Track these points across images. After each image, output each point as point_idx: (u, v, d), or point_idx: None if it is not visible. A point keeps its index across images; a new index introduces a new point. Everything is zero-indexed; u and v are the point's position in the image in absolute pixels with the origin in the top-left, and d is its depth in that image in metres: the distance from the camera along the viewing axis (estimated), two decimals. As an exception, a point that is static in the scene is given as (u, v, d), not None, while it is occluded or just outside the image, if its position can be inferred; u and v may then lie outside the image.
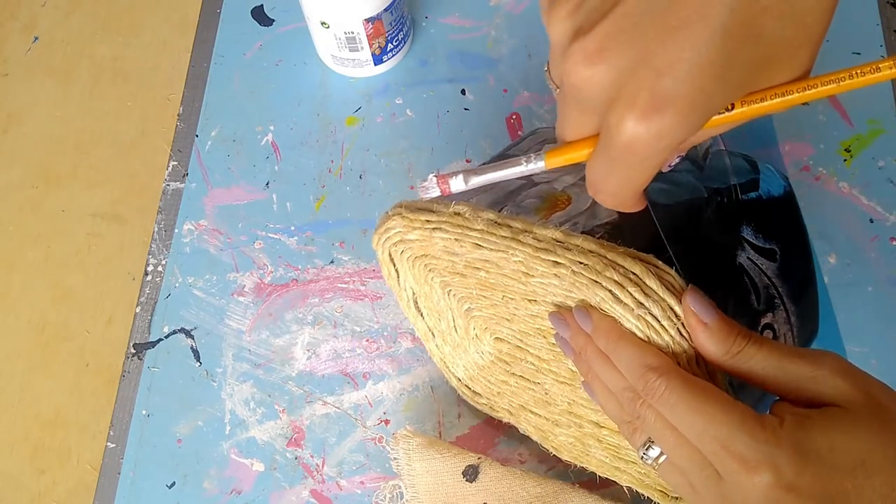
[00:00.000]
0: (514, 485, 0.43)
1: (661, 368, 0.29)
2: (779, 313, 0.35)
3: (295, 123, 0.56)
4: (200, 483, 0.47)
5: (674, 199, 0.34)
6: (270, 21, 0.60)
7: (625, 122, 0.25)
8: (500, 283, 0.35)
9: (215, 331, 0.50)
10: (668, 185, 0.34)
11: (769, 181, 0.36)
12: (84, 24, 1.51)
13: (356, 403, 0.48)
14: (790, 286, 0.36)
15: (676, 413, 0.28)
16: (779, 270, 0.35)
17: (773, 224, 0.36)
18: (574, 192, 0.36)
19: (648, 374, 0.29)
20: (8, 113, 1.44)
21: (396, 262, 0.40)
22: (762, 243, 0.35)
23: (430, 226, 0.35)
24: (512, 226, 0.33)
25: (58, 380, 1.24)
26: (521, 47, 0.58)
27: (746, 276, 0.34)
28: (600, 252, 0.31)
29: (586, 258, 0.31)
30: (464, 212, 0.34)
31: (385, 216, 0.38)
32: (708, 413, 0.27)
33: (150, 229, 0.54)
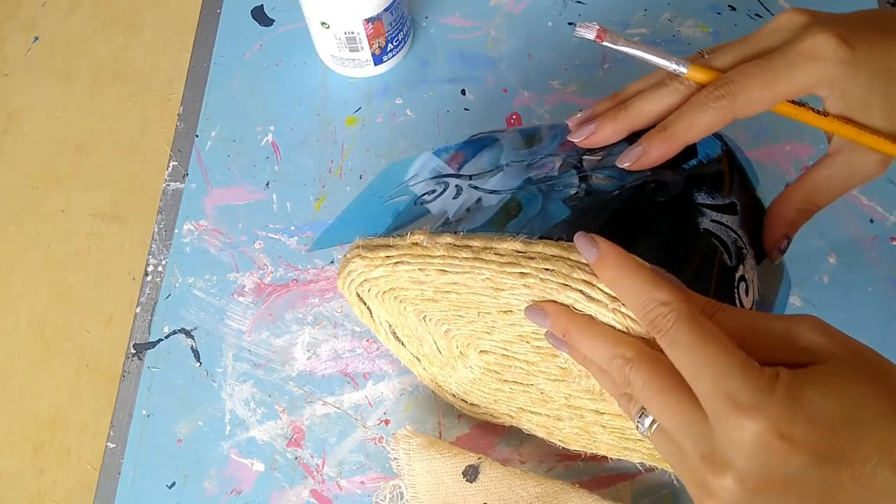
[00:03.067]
0: (515, 485, 0.43)
1: (674, 303, 0.29)
2: (747, 262, 0.35)
3: (295, 123, 0.56)
4: (200, 483, 0.47)
5: (618, 184, 0.34)
6: (270, 21, 0.60)
7: (819, 33, 0.33)
8: (472, 301, 0.36)
9: (215, 331, 0.50)
10: (610, 170, 0.35)
11: (704, 144, 0.36)
12: (84, 24, 1.51)
13: (356, 403, 0.48)
14: (751, 234, 0.36)
15: (678, 349, 0.28)
16: (740, 221, 0.35)
17: (724, 181, 0.36)
18: (522, 198, 0.36)
19: (660, 308, 0.29)
20: (8, 113, 1.44)
21: (366, 300, 0.41)
22: (721, 200, 0.35)
23: (392, 261, 0.36)
24: (472, 245, 0.34)
25: (58, 380, 1.24)
26: (521, 47, 0.58)
27: (714, 238, 0.34)
28: (563, 255, 0.31)
29: (551, 264, 0.31)
30: (421, 241, 0.35)
31: (345, 259, 0.38)
32: (709, 353, 0.27)
33: (150, 229, 0.54)
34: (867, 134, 0.34)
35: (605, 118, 0.36)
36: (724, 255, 0.33)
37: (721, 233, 0.34)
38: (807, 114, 0.34)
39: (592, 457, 0.45)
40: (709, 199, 0.34)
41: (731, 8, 0.58)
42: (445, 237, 0.34)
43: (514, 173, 0.37)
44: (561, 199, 0.34)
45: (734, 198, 0.35)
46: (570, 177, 0.35)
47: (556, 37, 0.58)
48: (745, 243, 0.35)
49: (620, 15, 0.58)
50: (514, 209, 0.35)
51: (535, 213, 0.34)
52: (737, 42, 0.35)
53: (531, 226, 0.33)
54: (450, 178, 0.40)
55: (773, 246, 0.37)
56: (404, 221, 0.39)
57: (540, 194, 0.35)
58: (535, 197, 0.35)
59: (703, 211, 0.34)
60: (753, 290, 0.35)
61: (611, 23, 0.58)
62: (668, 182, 0.34)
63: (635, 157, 0.34)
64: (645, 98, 0.35)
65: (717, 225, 0.34)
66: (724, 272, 0.33)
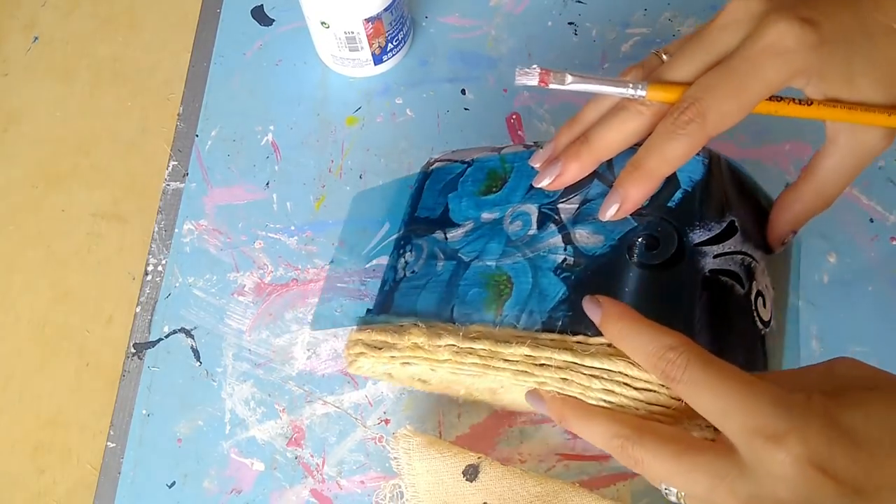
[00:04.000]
0: (515, 484, 0.43)
1: (681, 346, 0.28)
2: (758, 269, 0.33)
3: (295, 123, 0.56)
4: (200, 482, 0.47)
5: (606, 243, 0.32)
6: (270, 21, 0.60)
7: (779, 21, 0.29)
8: (487, 381, 0.36)
9: (215, 330, 0.50)
10: (591, 223, 0.33)
11: (686, 166, 0.33)
12: (84, 23, 1.51)
13: (356, 403, 0.48)
14: (756, 237, 0.34)
15: (697, 393, 0.27)
16: (743, 236, 0.33)
17: (716, 203, 0.33)
18: (509, 270, 0.34)
19: (668, 354, 0.28)
20: (8, 112, 1.45)
21: (381, 376, 0.40)
22: (718, 227, 0.32)
23: (397, 361, 0.36)
24: (477, 350, 0.33)
25: (58, 379, 1.24)
26: (521, 47, 0.58)
27: (721, 274, 0.32)
28: (577, 362, 0.31)
29: (566, 374, 0.31)
30: (422, 343, 0.34)
31: (349, 353, 0.38)
32: (730, 390, 0.26)
33: (150, 229, 0.54)
34: (860, 112, 0.31)
35: (567, 157, 0.33)
36: (735, 286, 0.32)
37: (727, 264, 0.32)
38: (789, 107, 0.32)
39: (592, 456, 0.45)
40: (705, 233, 0.32)
41: (731, 7, 0.58)
42: (446, 337, 0.34)
43: (490, 231, 0.36)
44: (551, 270, 0.33)
45: (732, 215, 0.33)
46: (551, 236, 0.34)
47: (557, 36, 0.58)
48: (752, 253, 0.33)
49: (620, 14, 0.58)
50: (505, 284, 0.34)
51: (528, 290, 0.33)
52: (692, 41, 0.32)
53: (530, 310, 0.33)
54: (422, 239, 0.39)
55: (778, 242, 0.35)
56: (390, 298, 0.38)
57: (527, 263, 0.34)
58: (524, 268, 0.34)
59: (702, 252, 0.32)
60: (768, 292, 0.34)
61: (611, 23, 0.58)
62: (658, 237, 0.32)
63: (615, 208, 0.32)
64: (606, 127, 0.33)
65: (721, 259, 0.32)
66: (739, 305, 0.32)
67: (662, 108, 0.31)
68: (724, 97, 0.30)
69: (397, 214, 0.45)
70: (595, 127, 0.33)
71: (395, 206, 0.49)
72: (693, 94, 0.30)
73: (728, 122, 0.30)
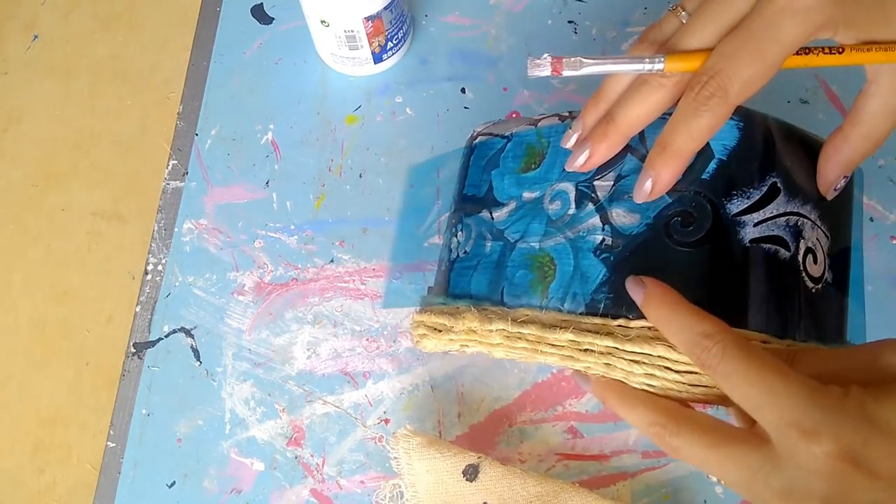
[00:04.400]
0: (515, 484, 0.43)
1: (718, 335, 0.28)
2: (807, 226, 0.33)
3: (295, 122, 0.56)
4: (200, 482, 0.47)
5: (642, 221, 0.32)
6: (270, 19, 0.60)
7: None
8: None
9: (215, 330, 0.50)
10: (627, 202, 0.33)
11: (719, 133, 0.31)
12: (84, 22, 1.51)
13: (356, 403, 0.48)
14: (805, 191, 0.33)
15: (733, 383, 0.27)
16: (787, 195, 0.32)
17: (754, 168, 0.32)
18: (552, 250, 0.35)
19: (704, 342, 0.28)
20: (8, 112, 1.44)
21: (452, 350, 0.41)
22: (758, 193, 0.32)
23: (456, 344, 0.37)
24: (525, 335, 0.34)
25: (58, 379, 1.24)
26: (521, 46, 0.58)
27: (764, 241, 0.31)
28: (618, 347, 0.31)
29: (609, 359, 0.32)
30: (476, 328, 0.35)
31: (415, 334, 0.39)
32: (766, 382, 0.26)
33: (150, 228, 0.54)
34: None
35: (595, 139, 0.33)
36: (779, 251, 0.32)
37: (769, 230, 0.32)
38: (819, 58, 0.30)
39: (592, 456, 0.45)
40: (744, 201, 0.31)
41: (731, 6, 0.58)
42: (496, 322, 0.34)
43: (531, 211, 0.36)
44: (591, 251, 0.33)
45: (773, 176, 0.32)
46: (590, 216, 0.34)
47: (557, 35, 0.58)
48: (800, 209, 0.33)
49: (620, 13, 0.58)
50: (549, 266, 0.34)
51: (570, 273, 0.33)
52: (709, 2, 0.31)
53: (573, 292, 0.33)
54: (471, 219, 0.39)
55: (829, 188, 0.33)
56: (447, 278, 0.39)
57: (567, 244, 0.34)
58: (565, 249, 0.34)
59: (741, 222, 0.31)
60: (820, 245, 0.33)
61: (611, 21, 0.58)
62: (692, 213, 0.31)
63: (648, 189, 0.31)
64: (630, 103, 0.32)
65: (762, 226, 0.32)
66: (784, 269, 0.32)
67: (685, 76, 0.31)
68: (745, 65, 0.29)
69: (447, 191, 0.45)
70: (619, 104, 0.33)
71: (446, 182, 0.49)
72: (713, 66, 0.29)
73: (753, 88, 0.29)
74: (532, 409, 0.47)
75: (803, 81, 0.54)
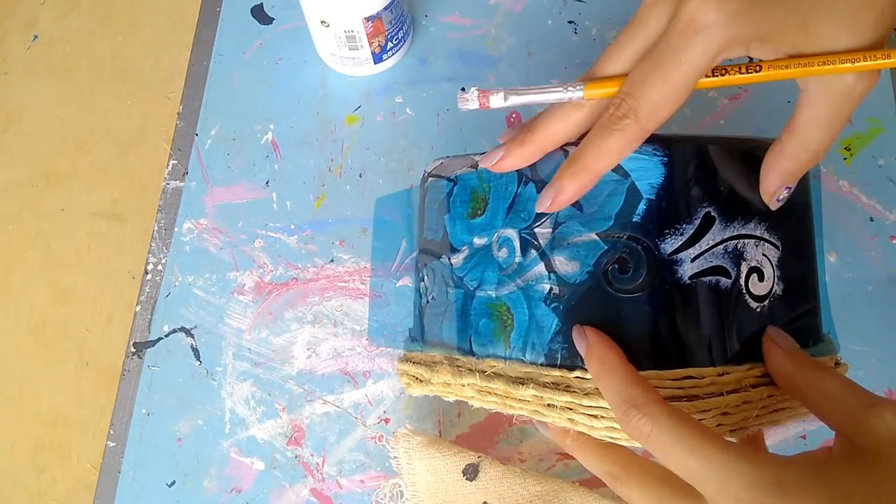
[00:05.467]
0: (515, 483, 0.43)
1: (645, 405, 0.27)
2: (749, 247, 0.32)
3: (295, 122, 0.56)
4: (200, 482, 0.47)
5: (583, 269, 0.32)
6: (270, 20, 0.60)
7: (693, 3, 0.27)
8: None
9: (215, 329, 0.50)
10: (567, 249, 0.33)
11: (643, 172, 0.31)
12: (83, 22, 1.51)
13: (356, 402, 0.48)
14: (747, 213, 0.33)
15: (667, 456, 0.27)
16: (723, 222, 0.32)
17: (684, 202, 0.31)
18: (507, 300, 0.35)
19: (631, 412, 0.28)
20: (7, 111, 1.44)
21: None
22: (691, 227, 0.31)
23: (435, 393, 0.38)
24: (494, 391, 0.35)
25: (58, 379, 1.24)
26: (521, 46, 0.58)
27: (703, 275, 0.31)
28: (576, 402, 0.32)
29: (570, 414, 0.32)
30: (450, 381, 0.36)
31: (402, 381, 0.40)
32: (701, 452, 0.26)
33: (150, 228, 0.54)
34: (817, 66, 0.28)
35: (511, 144, 0.33)
36: (719, 281, 0.32)
37: (707, 262, 0.31)
38: (735, 78, 0.29)
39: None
40: (678, 238, 0.31)
41: (731, 6, 0.58)
42: (467, 377, 0.35)
43: (484, 259, 0.36)
44: (541, 300, 0.33)
45: (705, 206, 0.32)
46: (535, 263, 0.34)
47: (557, 35, 0.58)
48: (741, 231, 0.32)
49: (620, 13, 0.58)
50: (507, 315, 0.35)
51: (526, 322, 0.34)
52: (626, 29, 0.31)
53: (532, 342, 0.33)
54: (434, 264, 0.40)
55: (771, 198, 0.33)
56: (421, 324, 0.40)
57: (520, 292, 0.34)
58: (518, 298, 0.34)
59: (678, 261, 0.31)
60: (768, 261, 0.33)
61: (611, 21, 0.58)
62: (626, 258, 0.31)
63: (551, 197, 0.31)
64: (549, 117, 0.32)
65: (699, 260, 0.31)
66: (726, 297, 0.32)
67: (603, 100, 0.31)
68: (653, 89, 0.28)
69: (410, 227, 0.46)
70: (539, 118, 0.33)
71: (409, 218, 0.51)
72: (625, 90, 0.29)
73: (664, 112, 0.29)
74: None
75: (803, 81, 0.54)
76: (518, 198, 0.35)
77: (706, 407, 0.30)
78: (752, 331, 0.32)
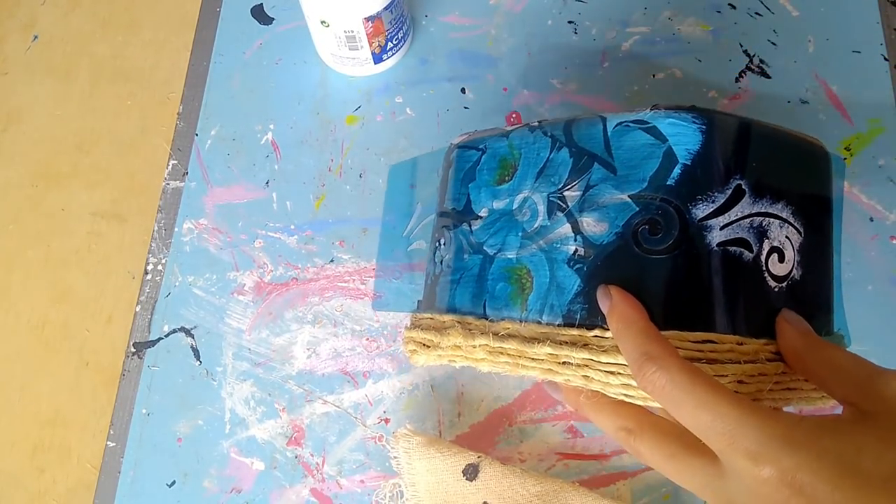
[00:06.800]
0: (515, 483, 0.43)
1: (661, 358, 0.28)
2: (773, 228, 0.33)
3: (295, 122, 0.56)
4: (200, 482, 0.47)
5: (611, 231, 0.32)
6: (270, 20, 0.60)
7: None
8: None
9: (215, 330, 0.50)
10: (597, 210, 0.33)
11: (681, 137, 0.31)
12: (83, 22, 1.51)
13: (356, 402, 0.48)
14: (774, 193, 0.33)
15: (679, 410, 0.27)
16: (754, 196, 0.32)
17: (718, 169, 0.32)
18: (528, 262, 0.35)
19: (646, 365, 0.28)
20: (7, 112, 1.44)
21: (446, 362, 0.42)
22: (723, 196, 0.31)
23: (444, 359, 0.37)
24: (507, 350, 0.35)
25: (58, 379, 1.24)
26: (521, 46, 0.58)
27: (730, 244, 0.31)
28: (594, 359, 0.32)
29: (586, 371, 0.32)
30: (460, 344, 0.36)
31: (406, 348, 0.40)
32: (714, 407, 0.26)
33: (150, 228, 0.54)
34: None
35: None
36: (743, 253, 0.32)
37: (735, 233, 0.32)
38: None
39: (592, 456, 0.45)
40: (709, 205, 0.31)
41: (730, 6, 0.58)
42: (479, 338, 0.35)
43: (507, 223, 0.37)
44: (564, 262, 0.33)
45: (737, 178, 0.32)
46: (560, 225, 0.34)
47: (557, 35, 0.58)
48: (768, 209, 0.32)
49: (620, 13, 0.58)
50: (526, 278, 0.35)
51: (547, 284, 0.34)
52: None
53: (550, 303, 0.34)
54: (452, 232, 0.40)
55: None
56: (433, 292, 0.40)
57: (542, 255, 0.34)
58: (540, 260, 0.34)
59: (708, 227, 0.31)
60: (790, 244, 0.33)
61: (611, 21, 0.58)
62: (658, 220, 0.32)
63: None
64: None
65: (728, 229, 0.31)
66: (747, 271, 0.32)
67: None
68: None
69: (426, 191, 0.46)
70: None
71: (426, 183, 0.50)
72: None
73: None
74: (532, 409, 0.47)
75: (803, 81, 0.54)
76: (550, 163, 0.35)
77: (724, 372, 0.30)
78: (768, 309, 0.32)
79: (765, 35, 0.56)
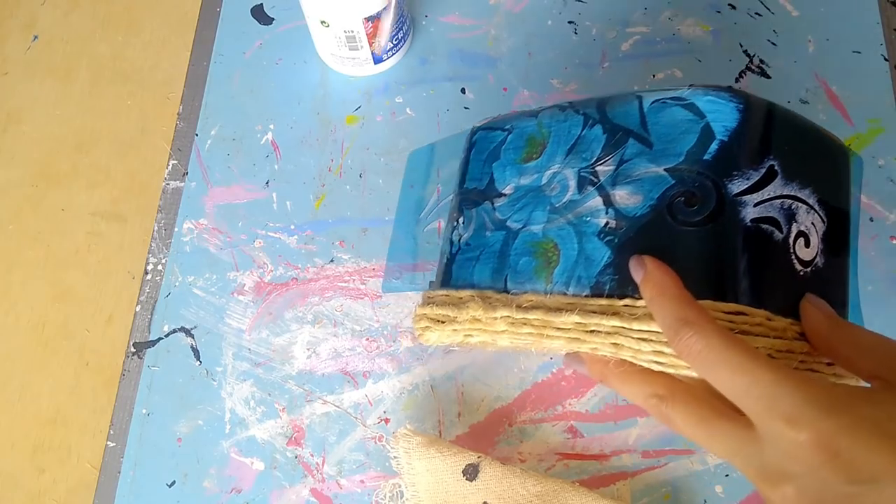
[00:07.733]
0: (514, 483, 0.43)
1: (697, 323, 0.28)
2: (801, 213, 0.33)
3: (295, 122, 0.56)
4: (200, 482, 0.47)
5: (645, 203, 0.33)
6: (270, 20, 0.60)
7: None
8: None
9: (215, 330, 0.50)
10: (631, 184, 0.33)
11: (719, 114, 0.32)
12: (83, 22, 1.51)
13: (356, 402, 0.48)
14: (802, 179, 0.33)
15: (715, 373, 0.27)
16: (785, 178, 0.32)
17: (754, 148, 0.32)
18: (555, 236, 0.35)
19: (682, 330, 0.28)
20: (7, 112, 1.44)
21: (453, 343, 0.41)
22: (757, 174, 0.32)
23: (460, 334, 0.37)
24: (531, 321, 0.34)
25: (58, 379, 1.24)
26: (521, 46, 0.58)
27: (762, 222, 0.31)
28: (625, 326, 0.32)
29: (616, 339, 0.32)
30: (480, 316, 0.35)
31: (417, 326, 0.39)
32: (751, 371, 0.26)
33: (150, 228, 0.54)
34: None
35: None
36: (773, 233, 0.32)
37: (766, 211, 0.32)
38: None
39: (592, 456, 0.45)
40: (744, 182, 0.32)
41: (730, 6, 0.58)
42: (501, 310, 0.35)
43: (534, 199, 0.37)
44: (595, 234, 0.34)
45: (770, 159, 0.32)
46: (591, 198, 0.34)
47: (557, 35, 0.58)
48: (797, 193, 0.33)
49: (620, 13, 0.58)
50: (553, 252, 0.35)
51: (575, 257, 0.34)
52: None
53: (578, 275, 0.33)
54: (472, 210, 0.40)
55: None
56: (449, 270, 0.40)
57: (571, 228, 0.34)
58: (568, 233, 0.34)
59: (742, 202, 0.32)
60: (815, 231, 0.34)
61: (611, 21, 0.58)
62: (695, 192, 0.32)
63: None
64: None
65: (761, 207, 0.32)
66: (776, 250, 0.32)
67: None
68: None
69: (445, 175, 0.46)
70: None
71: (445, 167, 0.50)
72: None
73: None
74: (532, 409, 0.47)
75: (803, 81, 0.54)
76: (581, 139, 0.36)
77: (755, 344, 0.30)
78: (795, 290, 0.33)
79: (765, 35, 0.56)
